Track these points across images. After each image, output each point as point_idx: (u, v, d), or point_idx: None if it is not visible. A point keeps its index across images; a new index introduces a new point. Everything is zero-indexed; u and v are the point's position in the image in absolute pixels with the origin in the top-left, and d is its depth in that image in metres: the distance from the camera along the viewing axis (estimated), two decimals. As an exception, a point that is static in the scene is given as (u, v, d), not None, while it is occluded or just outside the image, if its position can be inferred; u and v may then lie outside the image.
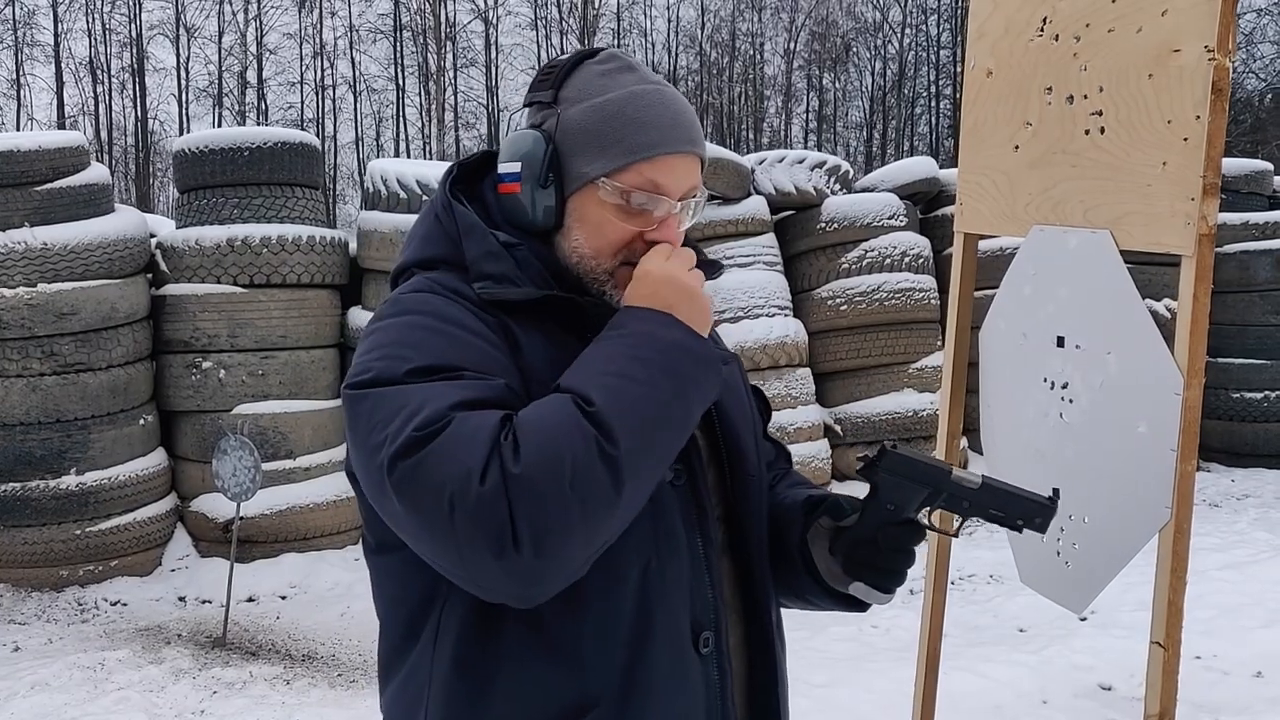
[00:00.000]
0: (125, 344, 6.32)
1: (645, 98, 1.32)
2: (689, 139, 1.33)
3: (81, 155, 6.50)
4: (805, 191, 7.85)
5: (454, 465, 1.08)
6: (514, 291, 1.27)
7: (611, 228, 1.31)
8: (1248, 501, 7.84)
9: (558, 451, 1.08)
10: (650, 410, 1.15)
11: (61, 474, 6.10)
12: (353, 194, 30.26)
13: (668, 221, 1.32)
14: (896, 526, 1.35)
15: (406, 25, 30.81)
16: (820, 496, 1.46)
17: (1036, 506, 1.38)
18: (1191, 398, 1.76)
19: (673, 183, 1.31)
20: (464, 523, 1.07)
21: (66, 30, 29.07)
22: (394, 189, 6.89)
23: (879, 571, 1.34)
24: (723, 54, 33.56)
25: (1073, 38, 1.98)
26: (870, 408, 7.68)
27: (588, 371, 1.17)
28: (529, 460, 1.07)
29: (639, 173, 1.30)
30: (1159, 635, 1.82)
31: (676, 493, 1.30)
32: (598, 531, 1.11)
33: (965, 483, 1.37)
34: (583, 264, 1.32)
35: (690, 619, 1.29)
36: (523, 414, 1.13)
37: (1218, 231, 1.88)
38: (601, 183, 1.30)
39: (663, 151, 1.30)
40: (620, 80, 1.33)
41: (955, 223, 2.32)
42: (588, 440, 1.10)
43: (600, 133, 1.30)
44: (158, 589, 6.19)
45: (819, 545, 1.41)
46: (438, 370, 1.17)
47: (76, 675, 4.84)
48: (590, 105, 1.32)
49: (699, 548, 1.31)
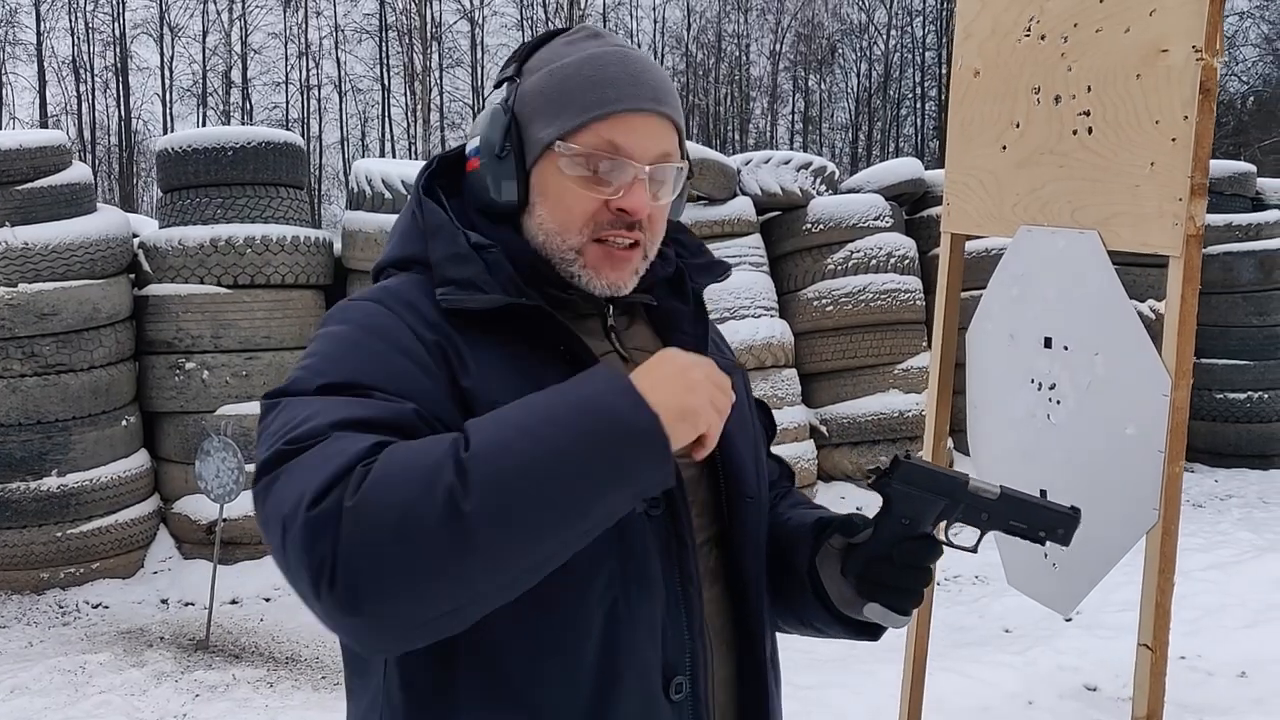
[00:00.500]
0: (107, 345, 6.28)
1: (604, 58, 1.22)
2: (652, 97, 1.21)
3: (63, 154, 6.45)
4: (791, 192, 7.85)
5: (297, 487, 0.97)
6: (476, 299, 1.16)
7: (573, 197, 1.20)
8: (1231, 502, 7.88)
9: (399, 493, 0.94)
10: (530, 480, 0.96)
11: (43, 475, 6.05)
12: (338, 194, 30.18)
13: (634, 188, 1.19)
14: (912, 542, 1.25)
15: (392, 25, 30.76)
16: (830, 518, 1.34)
17: (1059, 517, 1.30)
18: (1179, 399, 1.75)
19: (635, 144, 1.20)
20: (292, 550, 0.96)
21: (49, 29, 28.92)
22: (379, 189, 6.86)
23: (894, 591, 1.24)
24: (708, 55, 33.59)
25: (1060, 38, 1.97)
26: (856, 408, 7.68)
27: (500, 415, 1.02)
28: (366, 496, 0.94)
29: (596, 133, 1.19)
30: (1146, 637, 1.81)
31: (652, 525, 1.17)
32: (430, 596, 0.95)
33: (984, 493, 1.28)
34: (549, 243, 1.22)
35: (662, 663, 1.18)
36: (399, 445, 0.99)
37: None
38: (558, 147, 1.20)
39: (620, 108, 1.19)
40: (582, 46, 1.24)
41: (942, 223, 2.32)
42: (438, 489, 0.94)
43: (555, 95, 1.21)
44: (140, 591, 6.15)
45: (829, 568, 1.30)
46: (349, 387, 1.08)
47: (57, 679, 4.80)
48: (548, 70, 1.23)
49: (676, 585, 1.19)
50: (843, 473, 7.69)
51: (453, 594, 0.96)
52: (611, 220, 1.21)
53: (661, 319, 1.35)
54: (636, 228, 1.22)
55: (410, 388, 1.09)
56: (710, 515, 1.27)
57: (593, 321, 1.27)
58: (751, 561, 1.29)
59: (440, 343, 1.14)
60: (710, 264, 1.39)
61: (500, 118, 1.23)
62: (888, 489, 1.28)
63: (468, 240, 1.22)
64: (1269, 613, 5.13)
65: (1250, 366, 8.78)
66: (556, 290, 1.23)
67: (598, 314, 1.27)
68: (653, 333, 1.34)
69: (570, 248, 1.22)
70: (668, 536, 1.19)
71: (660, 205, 1.24)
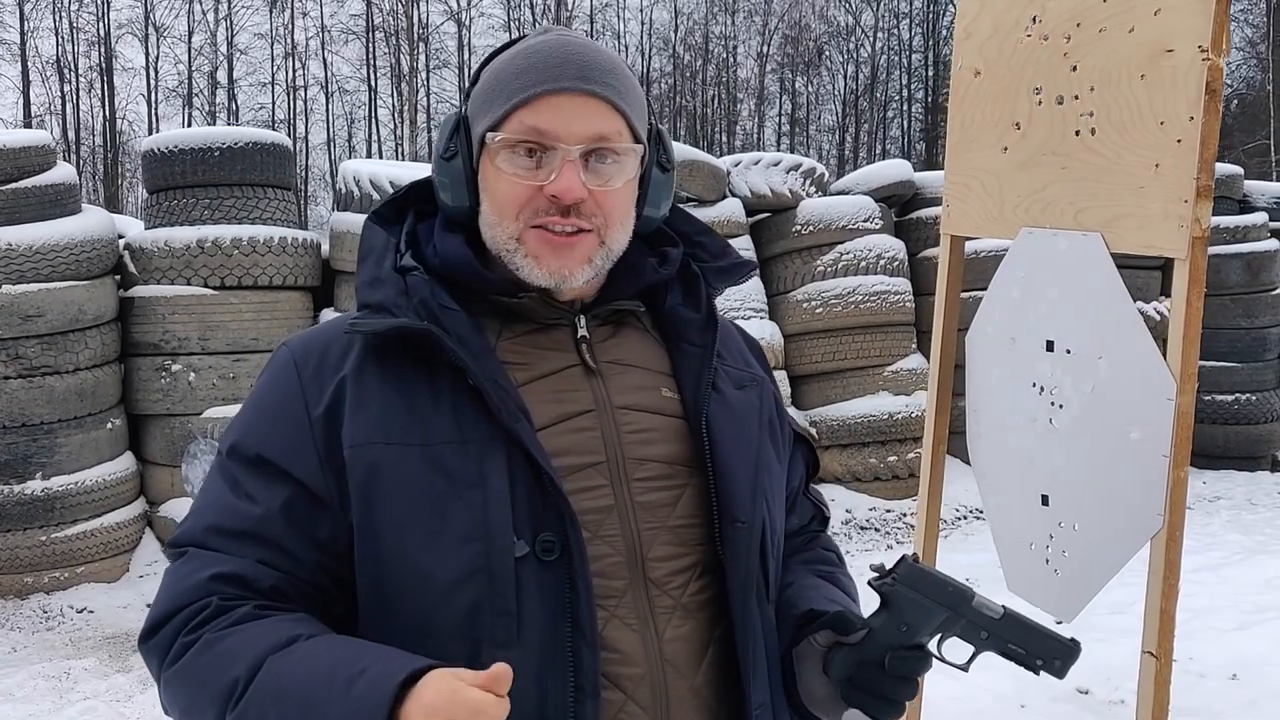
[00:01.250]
0: (93, 346, 6.22)
1: (538, 47, 1.18)
2: (577, 76, 1.16)
3: (48, 154, 6.39)
4: (781, 194, 7.84)
5: (156, 600, 1.14)
6: (373, 323, 1.14)
7: (506, 184, 1.16)
8: (1220, 504, 7.89)
9: (191, 687, 1.10)
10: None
11: (27, 479, 5.99)
12: (324, 195, 30.05)
13: (563, 172, 1.14)
14: (906, 651, 1.18)
15: (379, 26, 30.64)
16: (821, 611, 1.24)
17: (1059, 647, 1.23)
18: (1184, 403, 1.74)
19: (560, 126, 1.14)
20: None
21: (33, 29, 28.72)
22: (366, 190, 6.82)
23: (878, 700, 1.17)
24: (696, 57, 33.57)
25: (1063, 37, 1.96)
26: (846, 410, 7.67)
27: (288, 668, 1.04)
28: (167, 684, 1.12)
29: (519, 119, 1.15)
30: (1151, 645, 1.80)
31: (543, 569, 1.09)
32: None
33: (986, 610, 1.21)
34: (494, 239, 1.18)
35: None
36: (213, 638, 1.08)
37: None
38: (488, 139, 1.17)
39: (539, 91, 1.15)
40: (525, 42, 1.21)
41: (942, 225, 2.30)
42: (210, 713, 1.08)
43: (488, 89, 1.19)
44: (125, 596, 6.08)
45: (808, 664, 1.22)
46: (261, 462, 1.15)
47: (41, 685, 4.74)
48: (490, 69, 1.21)
49: (566, 638, 1.08)
50: (832, 475, 7.68)
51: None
52: (546, 206, 1.16)
53: (670, 328, 1.28)
54: (575, 214, 1.16)
55: (296, 462, 1.14)
56: (688, 541, 1.18)
57: (560, 332, 1.21)
58: (739, 595, 1.17)
59: (331, 407, 1.14)
60: (730, 267, 1.33)
61: (450, 121, 1.22)
62: (892, 590, 1.21)
63: (396, 261, 1.19)
64: (1260, 614, 5.13)
65: (1238, 368, 8.81)
66: (507, 298, 1.19)
67: (566, 324, 1.21)
68: (657, 342, 1.27)
69: (510, 236, 1.18)
70: (557, 583, 1.09)
71: (610, 191, 1.18)
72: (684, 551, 1.17)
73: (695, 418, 1.20)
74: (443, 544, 1.09)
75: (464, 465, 1.10)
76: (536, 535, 1.09)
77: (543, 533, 1.09)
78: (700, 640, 1.17)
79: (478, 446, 1.10)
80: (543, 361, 1.19)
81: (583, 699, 1.08)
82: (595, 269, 1.19)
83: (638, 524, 1.15)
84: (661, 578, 1.15)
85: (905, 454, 7.67)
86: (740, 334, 1.38)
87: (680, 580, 1.16)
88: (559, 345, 1.20)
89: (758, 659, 1.18)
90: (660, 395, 1.22)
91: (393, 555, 1.10)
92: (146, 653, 1.14)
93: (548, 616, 1.08)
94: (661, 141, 1.26)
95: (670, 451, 1.19)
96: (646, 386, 1.22)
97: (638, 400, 1.20)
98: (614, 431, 1.17)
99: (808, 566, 1.36)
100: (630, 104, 1.20)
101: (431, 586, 1.09)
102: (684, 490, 1.18)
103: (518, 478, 1.10)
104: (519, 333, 1.19)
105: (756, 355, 1.37)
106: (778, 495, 1.28)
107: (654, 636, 1.14)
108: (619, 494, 1.15)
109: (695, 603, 1.17)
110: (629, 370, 1.22)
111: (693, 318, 1.27)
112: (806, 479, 1.42)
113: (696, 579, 1.17)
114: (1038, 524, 2.00)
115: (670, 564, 1.16)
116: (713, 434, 1.19)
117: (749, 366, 1.32)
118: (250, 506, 1.13)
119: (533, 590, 1.08)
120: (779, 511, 1.28)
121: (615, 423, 1.18)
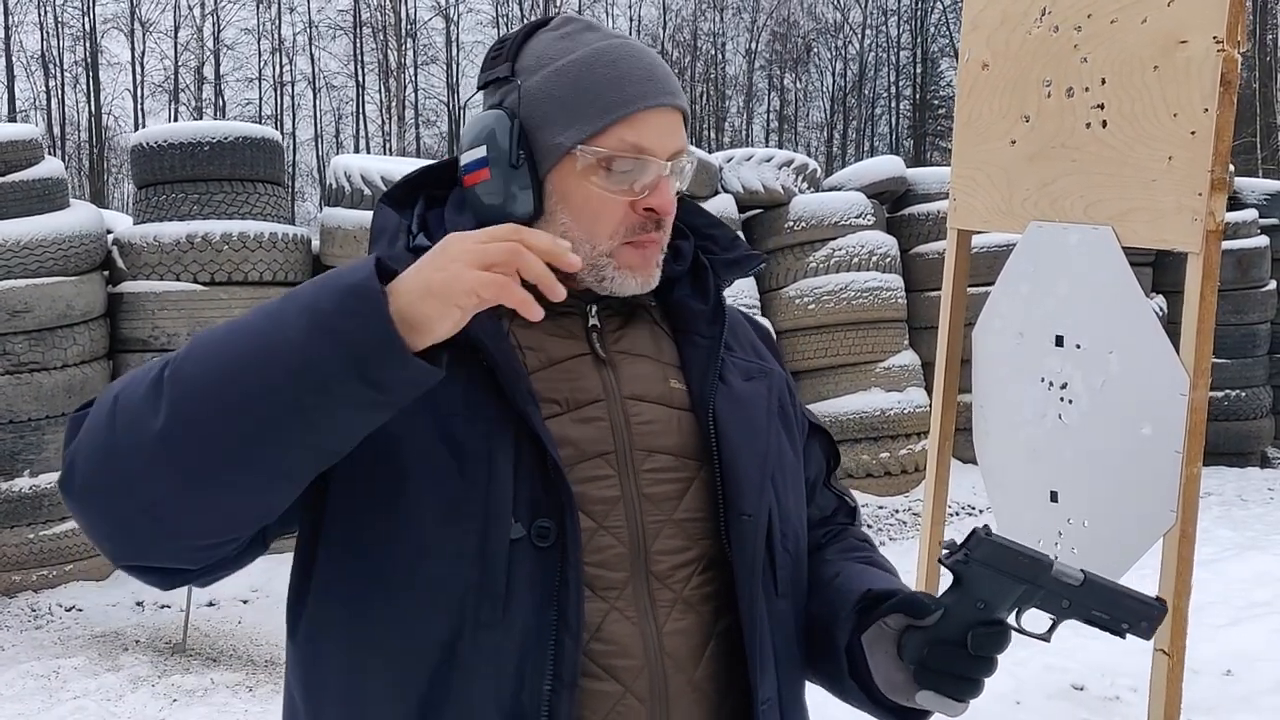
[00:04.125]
0: (81, 343, 6.16)
1: (612, 52, 1.17)
2: (667, 90, 1.17)
3: (35, 149, 6.33)
4: (773, 190, 7.82)
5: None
6: None
7: (599, 202, 1.15)
8: (1210, 500, 7.91)
9: (130, 378, 1.00)
10: (236, 337, 0.96)
11: (14, 476, 5.93)
12: (312, 191, 29.94)
13: (660, 186, 1.15)
14: (985, 628, 1.14)
15: (366, 21, 30.51)
16: (883, 591, 1.21)
17: (1143, 608, 1.18)
18: (1197, 399, 1.72)
19: (657, 142, 1.15)
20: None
21: (17, 23, 28.52)
22: (358, 185, 6.78)
23: (957, 681, 1.13)
24: (684, 53, 33.54)
25: (1073, 29, 1.94)
26: (838, 406, 7.66)
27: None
28: (104, 397, 1.02)
29: (618, 135, 1.14)
30: (1163, 642, 1.78)
31: (537, 555, 1.07)
32: (124, 469, 0.97)
33: (1067, 578, 1.16)
34: (577, 251, 1.12)
35: (508, 714, 1.05)
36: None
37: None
38: (579, 152, 1.14)
39: (640, 107, 1.15)
40: (582, 39, 1.18)
41: (949, 219, 2.28)
42: (157, 365, 0.99)
43: (568, 97, 1.15)
44: (115, 594, 6.03)
45: (881, 650, 1.18)
46: None
47: (30, 684, 4.70)
48: (553, 69, 1.17)
49: (550, 626, 1.06)
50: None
51: (147, 476, 0.96)
52: (641, 223, 1.17)
53: (678, 320, 1.26)
54: (661, 225, 1.18)
55: None
56: (693, 535, 1.16)
57: (570, 321, 1.19)
58: (746, 588, 1.15)
59: None
60: (739, 259, 1.31)
61: (504, 124, 1.16)
62: (967, 569, 1.16)
63: (409, 242, 1.17)
64: (1251, 610, 5.15)
65: (1228, 365, 8.83)
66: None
67: (578, 313, 1.20)
68: (666, 334, 1.26)
69: (601, 253, 1.17)
70: (548, 571, 1.07)
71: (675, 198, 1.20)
72: (688, 545, 1.15)
73: (702, 409, 1.19)
74: (438, 514, 1.07)
75: (471, 440, 1.08)
76: (533, 520, 1.07)
77: (540, 518, 1.07)
78: (701, 634, 1.15)
79: (486, 425, 1.08)
80: (553, 349, 1.17)
81: (560, 689, 1.06)
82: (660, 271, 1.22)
83: (643, 516, 1.13)
84: (664, 571, 1.14)
85: (898, 450, 7.67)
86: (751, 324, 1.36)
87: (683, 574, 1.15)
88: (570, 333, 1.19)
89: (765, 653, 1.16)
90: (668, 386, 1.21)
91: (383, 510, 1.08)
92: (73, 420, 1.05)
93: (534, 603, 1.07)
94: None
95: (678, 443, 1.18)
96: (655, 377, 1.21)
97: (646, 391, 1.19)
98: (623, 421, 1.16)
99: (845, 555, 1.33)
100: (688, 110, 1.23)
101: (421, 552, 1.07)
102: (691, 483, 1.17)
103: (523, 461, 1.08)
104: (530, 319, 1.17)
105: (769, 345, 1.35)
106: (793, 486, 1.26)
107: (653, 629, 1.12)
108: (625, 485, 1.14)
109: (698, 596, 1.15)
110: (638, 360, 1.21)
111: (701, 309, 1.26)
112: (827, 471, 1.39)
113: (700, 572, 1.16)
114: (1046, 520, 1.98)
115: (674, 557, 1.14)
116: (720, 426, 1.18)
117: (759, 358, 1.30)
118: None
119: (523, 575, 1.07)
120: (793, 503, 1.26)
121: (624, 413, 1.16)
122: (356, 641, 1.10)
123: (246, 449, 0.95)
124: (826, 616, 1.23)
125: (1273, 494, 8.24)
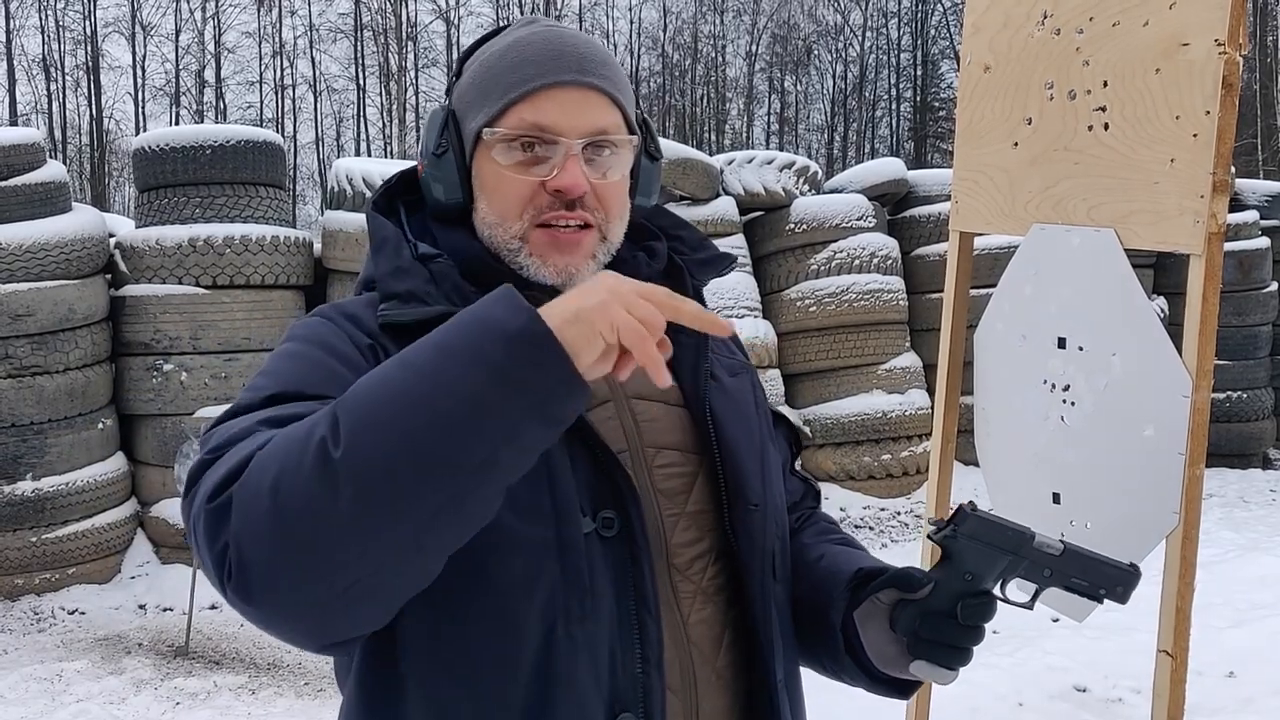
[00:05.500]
0: (83, 346, 6.17)
1: (527, 39, 1.18)
2: (575, 69, 1.15)
3: (37, 152, 6.34)
4: (774, 192, 7.82)
5: (207, 484, 0.93)
6: (410, 313, 1.11)
7: (507, 183, 1.16)
8: (1212, 501, 7.91)
9: (276, 462, 0.89)
10: (404, 404, 0.88)
11: (17, 480, 5.94)
12: (313, 194, 29.96)
13: (566, 165, 1.14)
14: (974, 598, 1.19)
15: (367, 25, 30.56)
16: (873, 569, 1.26)
17: (1120, 574, 1.25)
18: (1200, 400, 1.73)
19: (561, 119, 1.14)
20: (202, 550, 0.92)
21: (18, 27, 28.57)
22: (359, 188, 6.78)
23: (948, 650, 1.18)
24: (685, 56, 33.58)
25: (1075, 31, 1.94)
26: (840, 409, 7.67)
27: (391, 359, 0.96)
28: (249, 476, 0.90)
29: (518, 114, 1.15)
30: (1166, 644, 1.78)
31: (605, 545, 1.10)
32: (317, 566, 0.88)
33: (1047, 549, 1.23)
34: (494, 236, 1.18)
35: (608, 697, 1.09)
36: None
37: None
38: (485, 135, 1.16)
39: (538, 85, 1.14)
40: (515, 33, 1.21)
41: (951, 221, 2.28)
42: (311, 446, 0.88)
43: (482, 83, 1.18)
44: (117, 597, 6.04)
45: (875, 624, 1.22)
46: (284, 397, 1.04)
47: (33, 687, 4.70)
48: (479, 62, 1.21)
49: (631, 611, 1.10)
50: (826, 474, 7.67)
51: (342, 560, 0.88)
52: (550, 202, 1.16)
53: None
54: (579, 207, 1.16)
55: (345, 386, 1.00)
56: (703, 527, 1.19)
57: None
58: (757, 576, 1.20)
59: (374, 347, 1.12)
60: (712, 259, 1.32)
61: (438, 117, 1.21)
62: (955, 543, 1.21)
63: (414, 252, 1.17)
64: (1254, 612, 5.14)
65: (1230, 366, 8.83)
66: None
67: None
68: None
69: (513, 236, 1.17)
70: (620, 557, 1.10)
71: (610, 183, 1.18)
72: (700, 537, 1.19)
73: (698, 406, 1.21)
74: (513, 519, 1.06)
75: None
76: (597, 512, 1.10)
77: (603, 510, 1.10)
78: (719, 623, 1.19)
79: None
80: None
81: (649, 670, 1.11)
82: (598, 264, 1.20)
83: (660, 511, 1.16)
84: (684, 564, 1.17)
85: (899, 452, 7.67)
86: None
87: (700, 565, 1.18)
88: None
89: (776, 638, 1.21)
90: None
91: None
92: (213, 514, 0.91)
93: (614, 591, 1.10)
94: (648, 130, 1.27)
95: (681, 439, 1.21)
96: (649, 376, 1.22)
97: (646, 389, 1.20)
98: (631, 420, 1.18)
99: (821, 538, 1.37)
100: (624, 95, 1.21)
101: (505, 562, 1.07)
102: (696, 477, 1.20)
103: (577, 455, 1.10)
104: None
105: (736, 342, 1.38)
106: (778, 476, 1.31)
107: (679, 621, 1.16)
108: (641, 481, 1.16)
109: (713, 586, 1.19)
110: None
111: None
112: (792, 457, 1.43)
113: (713, 564, 1.19)
114: (1048, 522, 1.98)
115: (690, 549, 1.18)
116: (717, 421, 1.21)
117: (735, 355, 1.34)
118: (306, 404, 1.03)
119: (601, 567, 1.10)
120: (779, 492, 1.30)
121: (632, 411, 1.19)
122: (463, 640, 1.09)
123: (439, 515, 0.91)
124: (817, 597, 1.27)
125: (1275, 495, 8.24)
